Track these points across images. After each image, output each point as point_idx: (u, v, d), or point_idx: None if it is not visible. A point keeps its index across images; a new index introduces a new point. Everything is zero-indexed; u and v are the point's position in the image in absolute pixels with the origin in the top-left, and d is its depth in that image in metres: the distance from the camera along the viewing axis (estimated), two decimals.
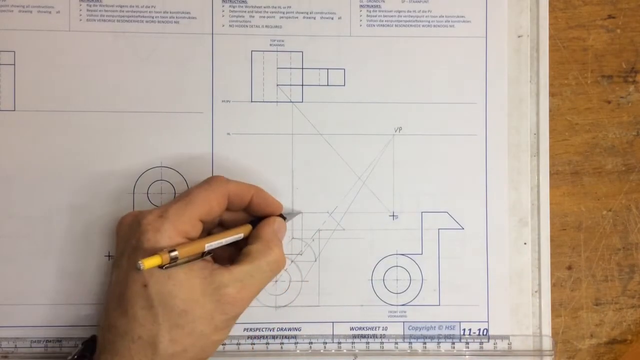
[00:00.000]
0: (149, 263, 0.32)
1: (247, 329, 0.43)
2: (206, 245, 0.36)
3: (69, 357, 0.36)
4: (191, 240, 0.36)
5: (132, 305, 0.34)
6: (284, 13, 0.44)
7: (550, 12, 0.45)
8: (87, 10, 0.43)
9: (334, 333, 0.44)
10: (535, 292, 0.44)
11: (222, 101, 0.44)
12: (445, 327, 0.44)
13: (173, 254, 0.33)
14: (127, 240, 0.36)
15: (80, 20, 0.43)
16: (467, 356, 0.44)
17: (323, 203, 0.44)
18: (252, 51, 0.44)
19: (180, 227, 0.35)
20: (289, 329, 0.44)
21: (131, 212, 0.38)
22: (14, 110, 0.43)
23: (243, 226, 0.39)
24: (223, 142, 0.44)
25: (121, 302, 0.34)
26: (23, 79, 0.43)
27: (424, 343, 0.44)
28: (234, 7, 0.44)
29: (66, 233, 0.43)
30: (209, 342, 0.35)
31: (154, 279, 0.33)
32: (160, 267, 0.33)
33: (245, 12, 0.44)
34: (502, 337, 0.44)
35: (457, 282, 0.44)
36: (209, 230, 0.40)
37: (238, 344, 0.43)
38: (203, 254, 0.36)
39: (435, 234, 0.45)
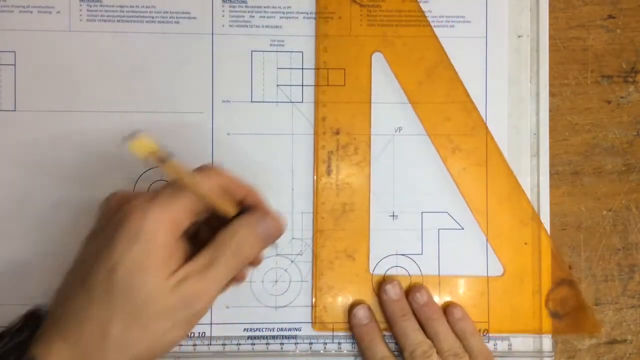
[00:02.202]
0: (140, 143, 0.29)
1: (247, 329, 0.43)
2: (195, 184, 0.32)
3: (9, 327, 0.34)
4: (177, 230, 0.33)
5: (92, 285, 0.31)
6: (284, 13, 0.44)
7: (550, 12, 0.45)
8: (87, 10, 0.43)
9: (334, 333, 0.44)
10: (535, 292, 0.44)
11: (222, 101, 0.44)
12: None
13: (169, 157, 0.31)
14: (110, 217, 0.33)
15: (80, 20, 0.43)
16: None
17: (322, 202, 0.44)
18: (252, 51, 0.44)
19: (168, 214, 0.32)
20: (289, 329, 0.44)
21: (121, 191, 0.35)
22: (14, 110, 0.43)
23: (231, 206, 0.35)
24: (223, 142, 0.44)
25: (84, 280, 0.32)
26: (23, 79, 0.43)
27: None
28: (234, 7, 0.44)
29: (66, 233, 0.43)
30: (162, 340, 0.32)
31: (122, 265, 0.31)
32: (149, 156, 0.30)
33: (245, 12, 0.44)
34: (502, 338, 0.44)
35: (457, 282, 0.44)
36: (197, 222, 0.36)
37: (238, 344, 0.43)
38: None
39: (435, 234, 0.45)
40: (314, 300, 0.44)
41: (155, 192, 0.33)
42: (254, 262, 0.37)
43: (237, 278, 0.37)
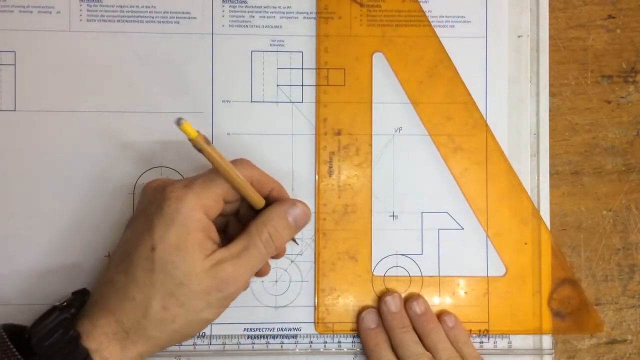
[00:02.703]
0: (189, 126, 0.31)
1: (247, 329, 0.44)
2: (230, 172, 0.35)
3: (58, 304, 0.36)
4: (210, 215, 0.35)
5: (134, 265, 0.34)
6: (284, 13, 0.44)
7: (550, 12, 0.45)
8: (87, 10, 0.43)
9: (334, 332, 0.44)
10: (536, 292, 0.44)
11: (222, 101, 0.44)
12: None
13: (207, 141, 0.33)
14: (149, 203, 0.36)
15: (80, 20, 0.43)
16: None
17: (324, 203, 0.44)
18: (252, 51, 0.44)
19: (202, 200, 0.35)
20: (289, 329, 0.44)
21: (159, 178, 0.39)
22: (14, 110, 0.43)
23: (260, 197, 0.38)
24: (223, 142, 0.44)
25: (124, 260, 0.35)
26: (23, 79, 0.43)
27: None
28: (234, 7, 0.44)
29: (66, 233, 0.43)
30: (198, 318, 0.35)
31: (162, 245, 0.34)
32: (192, 141, 0.32)
33: (245, 12, 0.44)
34: (502, 336, 0.44)
35: (457, 282, 0.44)
36: (227, 214, 0.39)
37: (238, 343, 0.43)
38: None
39: (435, 234, 0.45)
40: (316, 301, 0.44)
41: (191, 179, 0.36)
42: (279, 253, 0.40)
43: (261, 272, 0.40)
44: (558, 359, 0.45)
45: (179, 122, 0.31)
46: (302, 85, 0.44)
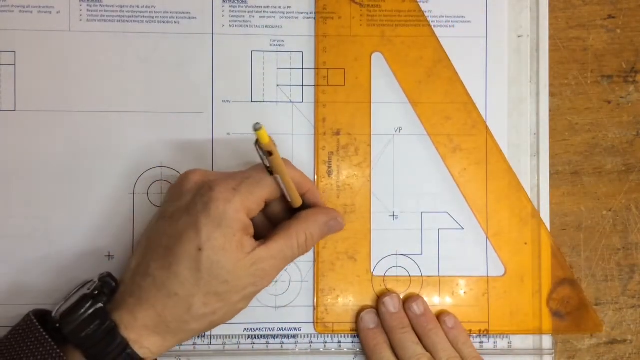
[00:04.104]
0: (265, 132, 0.32)
1: (247, 329, 0.44)
2: (286, 176, 0.36)
3: (87, 291, 0.36)
4: (251, 216, 0.37)
5: (179, 262, 0.35)
6: (284, 13, 0.44)
7: (550, 12, 0.45)
8: (87, 10, 0.43)
9: (334, 333, 0.44)
10: (536, 292, 0.44)
11: (222, 101, 0.44)
12: None
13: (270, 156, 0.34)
14: (192, 198, 0.36)
15: (80, 20, 0.43)
16: None
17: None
18: (252, 51, 0.44)
19: (247, 204, 0.36)
20: (289, 329, 0.44)
21: (198, 170, 0.38)
22: (14, 110, 0.43)
23: (299, 198, 0.39)
24: (223, 142, 0.44)
25: (167, 255, 0.35)
26: (23, 79, 0.43)
27: None
28: (234, 7, 0.44)
29: (66, 233, 0.43)
30: (235, 308, 0.37)
31: (209, 245, 0.34)
32: (260, 146, 0.34)
33: (245, 12, 0.44)
34: (502, 336, 0.44)
35: (457, 282, 0.44)
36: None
37: (238, 343, 0.43)
38: (268, 170, 0.36)
39: (435, 234, 0.45)
40: (315, 301, 0.44)
41: (237, 181, 0.36)
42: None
43: None
44: (558, 359, 0.45)
45: (257, 127, 0.32)
46: (302, 85, 0.44)
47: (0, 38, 0.43)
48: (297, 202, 0.39)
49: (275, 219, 0.40)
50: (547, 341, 0.44)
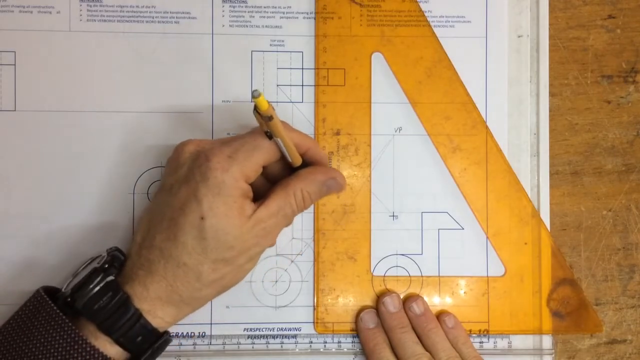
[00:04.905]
0: (263, 99, 0.33)
1: (247, 329, 0.44)
2: (286, 138, 0.37)
3: (97, 265, 0.37)
4: (250, 181, 0.37)
5: (184, 232, 0.35)
6: (284, 13, 0.44)
7: (550, 12, 0.45)
8: (87, 10, 0.43)
9: (334, 333, 0.44)
10: (536, 292, 0.44)
11: (222, 101, 0.44)
12: None
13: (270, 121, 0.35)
14: (190, 169, 0.36)
15: (80, 20, 0.43)
16: None
17: (323, 203, 0.44)
18: (252, 51, 0.44)
19: (245, 171, 0.36)
20: (289, 329, 0.44)
21: (193, 141, 0.38)
22: (14, 110, 0.43)
23: (299, 157, 0.39)
24: None
25: (171, 227, 0.36)
26: (23, 79, 0.43)
27: None
28: (234, 7, 0.44)
29: (66, 233, 0.43)
30: (242, 270, 0.38)
31: (211, 213, 0.35)
32: (259, 112, 0.34)
33: (245, 12, 0.44)
34: (502, 336, 0.44)
35: (457, 282, 0.44)
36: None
37: (238, 343, 0.43)
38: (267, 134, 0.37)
39: (435, 234, 0.45)
40: (315, 301, 0.44)
41: (233, 148, 0.36)
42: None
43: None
44: (558, 359, 0.45)
45: (255, 94, 0.32)
46: (302, 85, 0.44)
47: (0, 38, 0.43)
48: (297, 161, 0.39)
49: (275, 179, 0.40)
50: (547, 341, 0.44)
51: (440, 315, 0.44)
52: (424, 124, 0.44)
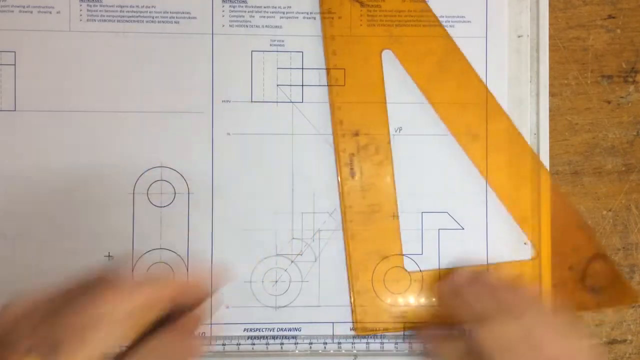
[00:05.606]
0: None
1: (247, 329, 0.43)
2: None
3: None
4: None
5: None
6: (284, 13, 0.44)
7: (550, 12, 0.45)
8: (87, 10, 0.43)
9: (334, 333, 0.44)
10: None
11: (222, 101, 0.44)
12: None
13: None
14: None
15: (80, 20, 0.43)
16: None
17: (323, 203, 0.44)
18: (252, 51, 0.44)
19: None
20: (289, 329, 0.44)
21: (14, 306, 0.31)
22: (14, 110, 0.43)
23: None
24: (223, 142, 0.44)
25: None
26: (23, 79, 0.43)
27: None
28: (234, 7, 0.44)
29: (66, 233, 0.43)
30: None
31: None
32: None
33: (245, 12, 0.44)
34: None
35: None
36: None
37: (238, 344, 0.43)
38: None
39: (435, 234, 0.45)
40: (352, 301, 0.43)
41: (53, 331, 0.30)
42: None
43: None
44: None
45: None
46: (302, 85, 0.44)
47: (0, 38, 0.43)
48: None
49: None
50: None
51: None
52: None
